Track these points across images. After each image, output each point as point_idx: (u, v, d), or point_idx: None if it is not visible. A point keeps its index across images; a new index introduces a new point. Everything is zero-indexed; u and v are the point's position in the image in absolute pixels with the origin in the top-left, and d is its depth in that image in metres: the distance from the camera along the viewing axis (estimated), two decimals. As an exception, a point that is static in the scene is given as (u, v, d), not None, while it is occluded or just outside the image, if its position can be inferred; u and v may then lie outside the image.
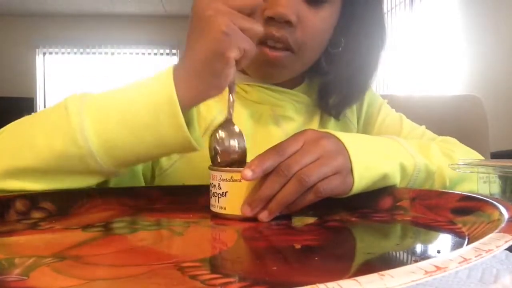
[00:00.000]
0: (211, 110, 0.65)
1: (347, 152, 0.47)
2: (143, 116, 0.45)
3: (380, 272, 0.17)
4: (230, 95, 0.51)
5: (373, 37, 0.68)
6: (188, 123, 0.47)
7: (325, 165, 0.44)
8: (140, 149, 0.47)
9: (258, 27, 0.46)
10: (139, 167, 0.63)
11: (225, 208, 0.46)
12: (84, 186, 0.51)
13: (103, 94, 0.49)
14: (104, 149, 0.46)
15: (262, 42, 0.59)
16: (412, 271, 0.17)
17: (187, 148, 0.48)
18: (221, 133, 0.50)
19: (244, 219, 0.44)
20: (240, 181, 0.44)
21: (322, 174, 0.44)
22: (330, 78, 0.70)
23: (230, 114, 0.51)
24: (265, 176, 0.44)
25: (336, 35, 0.66)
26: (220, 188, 0.46)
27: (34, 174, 0.48)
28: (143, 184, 0.64)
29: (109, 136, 0.46)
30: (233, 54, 0.44)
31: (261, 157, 0.44)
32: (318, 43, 0.64)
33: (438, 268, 0.18)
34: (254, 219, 0.44)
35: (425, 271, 0.17)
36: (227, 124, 0.50)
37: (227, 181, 0.45)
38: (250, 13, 0.46)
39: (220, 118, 0.50)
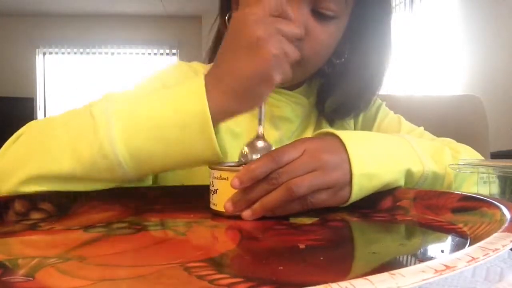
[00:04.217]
0: None
1: (349, 162, 0.45)
2: (174, 133, 0.45)
3: (391, 271, 0.17)
4: (260, 113, 0.51)
5: (378, 54, 0.67)
6: (216, 132, 0.46)
7: (318, 178, 0.44)
8: (168, 161, 0.47)
9: (297, 53, 0.47)
10: None
11: (216, 205, 0.47)
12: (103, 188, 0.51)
13: (130, 101, 0.48)
14: (132, 160, 0.46)
15: None
16: (423, 270, 0.17)
17: (214, 160, 0.48)
18: (246, 149, 0.50)
19: (245, 219, 0.44)
20: (227, 179, 0.45)
21: (313, 187, 0.43)
22: (330, 86, 0.70)
23: (260, 131, 0.51)
24: None
25: (341, 46, 0.66)
26: (213, 186, 0.47)
27: (58, 180, 0.48)
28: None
29: (138, 149, 0.46)
30: (279, 77, 0.44)
31: (254, 164, 0.44)
32: (322, 56, 0.64)
33: (447, 267, 0.18)
34: (255, 218, 0.44)
35: (435, 270, 0.17)
36: (255, 140, 0.50)
37: (217, 179, 0.47)
38: (293, 41, 0.46)
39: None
